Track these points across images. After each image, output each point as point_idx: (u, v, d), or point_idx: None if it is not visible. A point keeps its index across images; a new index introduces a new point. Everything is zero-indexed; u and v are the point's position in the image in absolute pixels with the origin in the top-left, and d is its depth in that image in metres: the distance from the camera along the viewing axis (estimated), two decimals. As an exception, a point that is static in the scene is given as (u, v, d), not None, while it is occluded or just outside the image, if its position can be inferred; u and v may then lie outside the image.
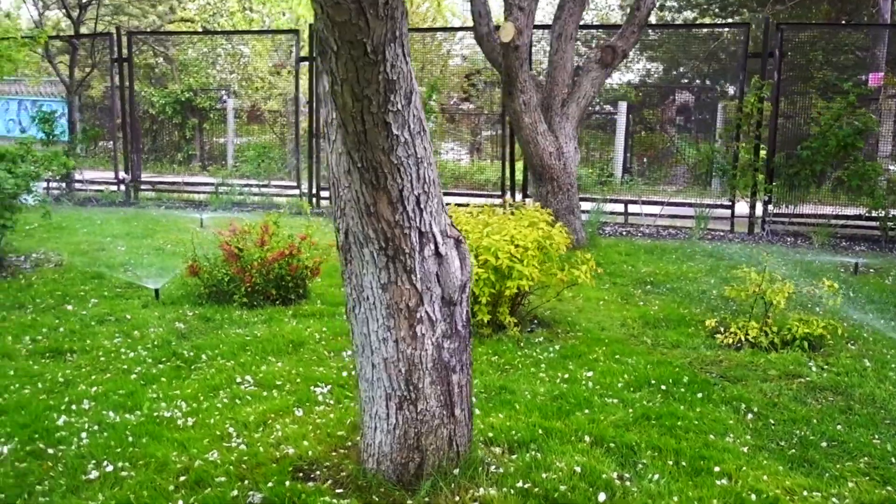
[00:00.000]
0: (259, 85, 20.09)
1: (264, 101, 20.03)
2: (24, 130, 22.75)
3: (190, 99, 19.30)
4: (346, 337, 5.79)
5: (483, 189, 13.98)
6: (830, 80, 10.93)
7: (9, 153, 7.65)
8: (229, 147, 20.02)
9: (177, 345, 5.59)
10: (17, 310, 6.41)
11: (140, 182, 13.13)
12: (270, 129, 20.19)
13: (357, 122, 2.78)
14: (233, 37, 19.31)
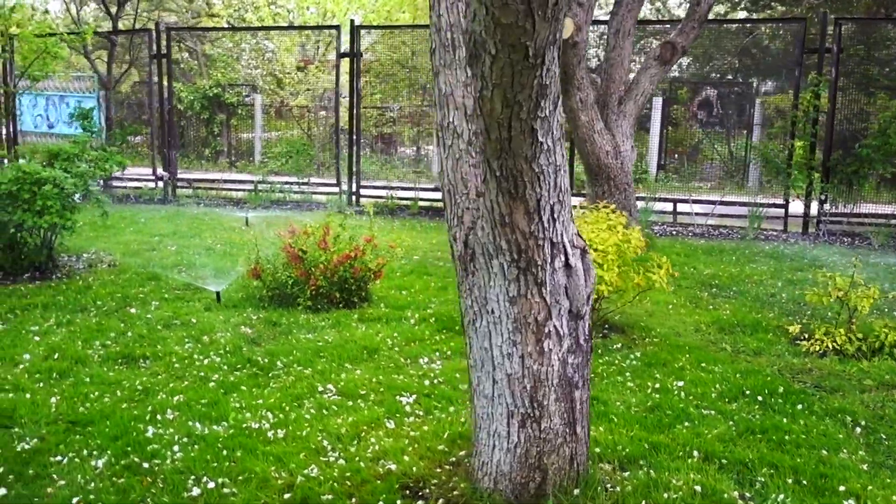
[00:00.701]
0: (288, 80, 19.96)
1: (293, 96, 19.91)
2: (52, 126, 22.76)
3: (218, 94, 19.20)
4: (420, 343, 5.67)
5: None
6: (892, 76, 10.67)
7: (64, 152, 7.54)
8: (257, 143, 19.92)
9: (248, 351, 5.46)
10: (81, 313, 6.30)
11: (177, 179, 13.03)
12: (298, 124, 20.09)
13: (503, 129, 2.62)
14: (267, 32, 19.14)
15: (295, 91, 19.74)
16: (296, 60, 20.80)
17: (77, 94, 21.36)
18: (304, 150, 12.74)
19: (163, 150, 12.85)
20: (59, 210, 6.79)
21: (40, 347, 5.43)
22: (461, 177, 3.30)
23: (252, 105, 19.91)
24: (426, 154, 19.58)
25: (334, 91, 19.40)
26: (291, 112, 20.02)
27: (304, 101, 19.52)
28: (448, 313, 6.36)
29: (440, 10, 3.31)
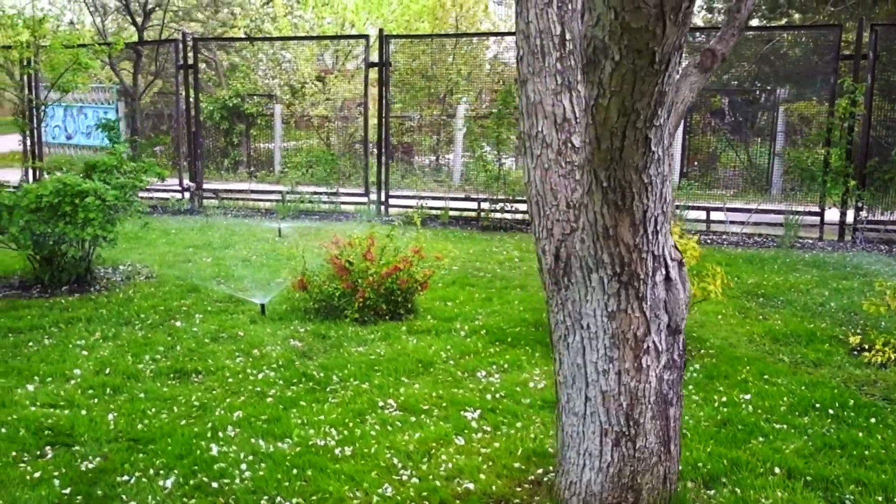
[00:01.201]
0: (308, 90, 19.90)
1: (313, 106, 19.85)
2: (70, 137, 22.79)
3: (237, 105, 19.16)
4: (475, 356, 5.56)
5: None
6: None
7: (103, 164, 7.48)
8: (276, 153, 19.87)
9: (301, 365, 5.36)
10: (125, 326, 6.22)
11: (203, 189, 12.98)
12: (317, 134, 20.04)
13: (616, 138, 2.52)
14: (285, 43, 19.11)
15: (315, 101, 19.68)
16: (314, 70, 20.74)
17: (96, 106, 21.40)
18: (331, 160, 12.63)
19: (190, 160, 12.79)
20: (101, 222, 6.71)
21: (89, 362, 5.35)
22: (550, 187, 3.21)
23: (271, 115, 19.87)
24: (446, 163, 19.51)
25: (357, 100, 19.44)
26: (311, 122, 19.97)
27: (324, 110, 19.48)
28: (497, 325, 6.25)
29: (528, 16, 3.22)
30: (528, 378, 5.12)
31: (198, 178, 12.88)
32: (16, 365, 5.27)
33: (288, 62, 20.52)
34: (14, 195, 6.74)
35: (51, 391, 4.83)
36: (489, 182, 11.24)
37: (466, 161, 18.59)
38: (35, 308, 6.64)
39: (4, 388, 4.89)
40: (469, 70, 19.42)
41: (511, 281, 7.81)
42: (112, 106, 21.57)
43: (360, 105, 18.89)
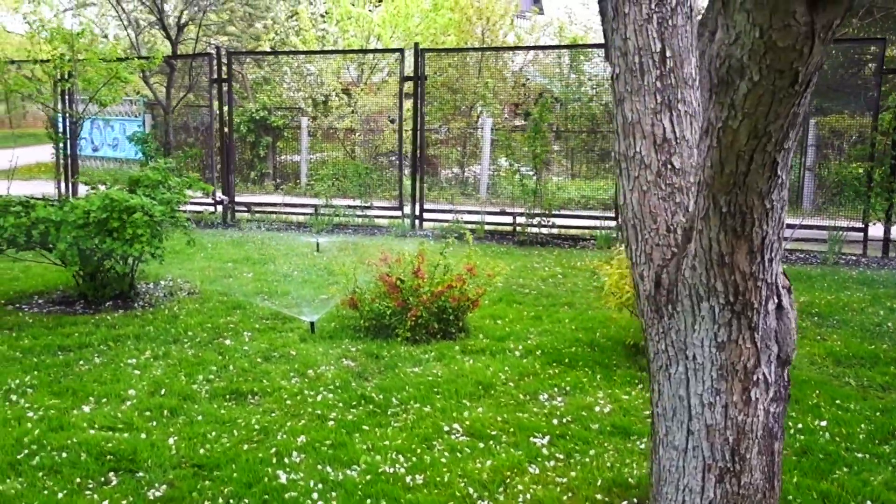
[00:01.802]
0: (335, 103, 19.88)
1: (339, 119, 19.81)
2: (96, 150, 22.88)
3: (264, 118, 19.15)
4: (534, 378, 5.43)
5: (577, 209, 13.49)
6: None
7: (147, 179, 7.41)
8: (303, 166, 19.85)
9: (358, 386, 5.24)
10: (174, 344, 6.12)
11: (236, 203, 12.92)
12: (343, 147, 20.01)
13: (742, 162, 2.39)
14: (310, 56, 19.10)
15: (342, 114, 19.65)
16: (340, 83, 20.72)
17: (122, 118, 21.47)
18: (364, 173, 12.55)
19: (222, 174, 12.75)
20: (148, 238, 6.64)
21: (143, 382, 5.26)
22: (649, 210, 3.08)
23: (297, 127, 19.85)
24: (470, 175, 19.41)
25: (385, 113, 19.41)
26: (337, 135, 19.94)
27: (350, 123, 19.44)
28: (552, 345, 6.11)
29: (626, 33, 3.10)
30: (593, 402, 4.98)
31: (230, 192, 12.82)
32: (69, 385, 5.18)
33: (311, 75, 20.52)
34: (61, 211, 6.68)
35: (107, 413, 4.73)
36: (525, 196, 11.11)
37: (493, 174, 18.53)
38: (81, 325, 6.56)
39: (60, 409, 4.80)
40: (495, 83, 19.36)
41: (558, 298, 7.67)
42: (139, 119, 21.65)
43: (387, 117, 18.91)
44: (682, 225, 3.02)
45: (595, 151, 19.27)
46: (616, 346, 6.08)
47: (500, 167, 18.91)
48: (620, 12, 3.14)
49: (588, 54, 19.22)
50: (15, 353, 5.82)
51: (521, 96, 20.50)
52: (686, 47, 3.15)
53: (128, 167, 23.00)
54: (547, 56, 19.48)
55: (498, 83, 19.43)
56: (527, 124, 10.99)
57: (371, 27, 21.27)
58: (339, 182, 17.63)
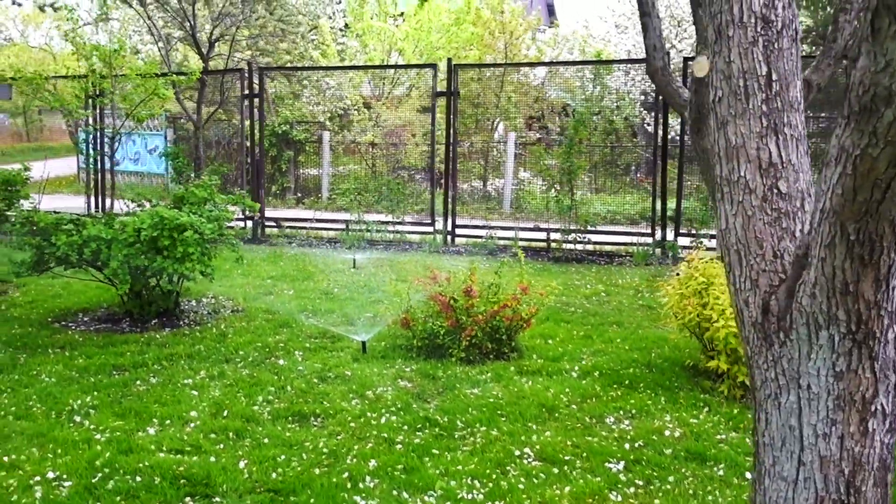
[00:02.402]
0: (356, 117, 19.93)
1: (361, 133, 19.85)
2: (118, 164, 22.94)
3: (286, 132, 19.18)
4: (597, 400, 5.36)
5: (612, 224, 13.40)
6: None
7: (193, 196, 7.40)
8: (324, 180, 19.86)
9: (419, 408, 5.19)
10: (226, 364, 6.09)
11: (265, 218, 12.90)
12: (364, 161, 20.05)
13: (877, 190, 2.33)
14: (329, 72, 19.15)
15: (363, 128, 19.69)
16: (362, 97, 20.76)
17: (144, 132, 21.54)
18: (397, 188, 12.51)
19: (252, 189, 12.74)
20: (199, 256, 6.61)
21: (203, 403, 5.21)
22: (755, 236, 3.02)
23: (318, 142, 19.88)
24: (494, 189, 19.37)
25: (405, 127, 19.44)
26: (359, 149, 19.96)
27: (372, 137, 19.46)
28: (608, 366, 6.04)
29: (730, 56, 3.05)
30: (662, 426, 4.90)
31: (261, 207, 12.81)
32: (130, 405, 5.14)
33: (331, 89, 20.55)
34: (111, 229, 6.66)
35: (173, 435, 4.69)
36: (561, 212, 11.05)
37: (516, 188, 18.50)
38: (132, 343, 6.54)
39: (125, 430, 4.76)
40: (518, 97, 19.36)
41: (605, 317, 7.60)
42: (161, 133, 21.73)
43: (409, 131, 18.93)
44: (790, 251, 2.96)
45: (618, 166, 19.23)
46: (674, 367, 6.01)
47: (524, 181, 18.95)
48: (724, 35, 3.09)
49: (610, 69, 19.25)
50: (71, 372, 5.80)
51: (543, 110, 20.52)
52: (791, 70, 3.10)
53: (149, 181, 23.11)
54: (566, 70, 19.49)
55: (521, 97, 19.43)
56: (562, 139, 10.92)
57: (393, 41, 21.32)
58: (361, 196, 17.66)
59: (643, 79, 21.64)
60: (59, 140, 37.65)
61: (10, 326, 7.07)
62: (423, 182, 18.26)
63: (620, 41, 25.04)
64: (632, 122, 20.60)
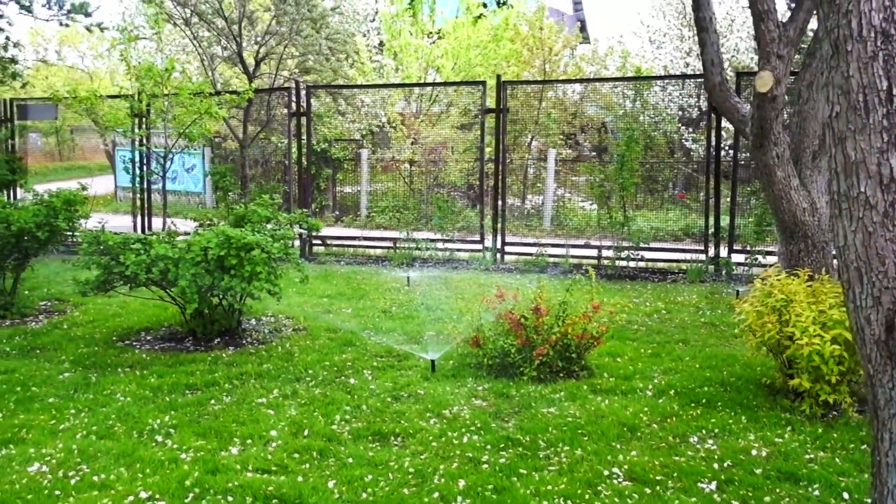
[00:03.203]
0: (396, 135, 20.01)
1: (400, 151, 19.92)
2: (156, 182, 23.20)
3: (325, 150, 19.29)
4: (677, 419, 5.28)
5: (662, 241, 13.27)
6: None
7: (256, 215, 7.45)
8: (363, 198, 19.94)
9: (498, 427, 5.14)
10: (298, 383, 6.08)
11: (312, 236, 12.96)
12: (402, 177, 20.12)
13: None
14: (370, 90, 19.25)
15: (401, 146, 19.75)
16: (400, 115, 20.85)
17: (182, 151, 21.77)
18: (445, 206, 12.50)
19: (300, 207, 12.81)
20: (266, 275, 6.64)
21: (281, 423, 5.21)
22: (876, 253, 2.96)
23: (357, 160, 19.98)
24: (533, 205, 19.32)
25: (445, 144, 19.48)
26: (398, 166, 20.03)
27: (411, 154, 19.52)
28: (682, 385, 5.96)
29: (849, 70, 3.00)
30: (747, 445, 4.81)
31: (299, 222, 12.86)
32: (209, 425, 5.15)
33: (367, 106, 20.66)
34: (177, 248, 6.72)
35: (256, 455, 4.69)
36: (613, 229, 10.99)
37: (556, 204, 18.44)
38: (200, 363, 6.56)
39: (208, 450, 4.76)
40: (559, 114, 19.34)
41: (670, 335, 7.51)
42: (198, 151, 21.95)
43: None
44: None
45: (658, 182, 19.12)
46: (748, 385, 5.91)
47: (562, 197, 18.89)
48: (842, 50, 3.05)
49: (650, 84, 19.20)
50: (145, 391, 5.83)
51: (583, 126, 20.47)
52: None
53: (186, 200, 23.36)
54: (603, 85, 19.45)
55: (561, 114, 19.41)
56: (603, 155, 10.86)
57: (430, 59, 21.41)
58: (400, 214, 17.68)
59: (680, 94, 21.56)
60: (91, 159, 38.23)
61: (77, 346, 7.14)
62: (461, 199, 18.30)
63: (656, 56, 24.92)
64: (670, 138, 20.48)
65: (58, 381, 6.14)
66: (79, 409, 5.45)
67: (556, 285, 8.70)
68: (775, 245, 11.08)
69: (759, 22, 7.87)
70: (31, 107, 14.56)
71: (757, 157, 8.26)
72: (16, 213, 7.82)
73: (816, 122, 8.21)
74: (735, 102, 8.85)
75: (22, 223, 7.70)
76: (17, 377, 6.20)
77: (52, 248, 8.31)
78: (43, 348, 7.11)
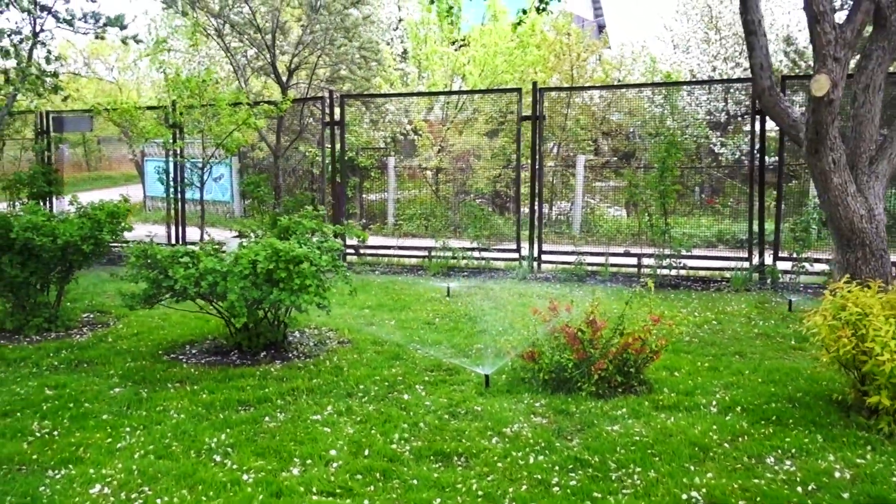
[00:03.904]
0: (422, 142, 19.90)
1: (427, 159, 19.81)
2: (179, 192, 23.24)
3: (352, 158, 19.21)
4: (749, 438, 5.11)
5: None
6: None
7: (301, 227, 7.34)
8: (390, 206, 19.84)
9: (563, 447, 4.98)
10: (349, 398, 5.96)
11: (346, 245, 12.86)
12: (428, 185, 20.02)
13: None
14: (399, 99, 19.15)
15: (429, 154, 19.64)
16: (427, 122, 20.76)
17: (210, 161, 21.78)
18: (482, 216, 12.34)
19: (334, 216, 12.72)
20: (316, 288, 6.53)
21: (339, 441, 5.08)
22: None
23: (384, 168, 19.90)
24: (560, 212, 19.13)
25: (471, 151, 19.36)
26: (425, 174, 19.92)
27: (438, 162, 19.41)
28: (747, 400, 5.76)
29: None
30: (829, 467, 4.61)
31: (342, 235, 12.76)
32: (266, 444, 5.03)
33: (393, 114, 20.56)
34: (226, 262, 6.62)
35: (319, 476, 4.56)
36: (655, 237, 10.80)
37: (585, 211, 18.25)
38: (249, 378, 6.45)
39: (269, 471, 4.64)
40: (587, 120, 19.16)
41: (724, 347, 7.31)
42: (226, 161, 21.95)
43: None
44: None
45: (688, 187, 18.86)
46: (817, 401, 5.71)
47: (590, 204, 18.69)
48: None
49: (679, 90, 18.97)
50: (198, 408, 5.72)
51: (610, 132, 20.28)
52: None
53: (214, 209, 23.38)
54: (628, 91, 19.25)
55: (589, 119, 19.22)
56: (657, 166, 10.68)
57: (456, 66, 21.30)
58: (428, 222, 17.55)
59: (707, 98, 21.33)
60: (117, 169, 38.50)
61: (124, 360, 7.06)
62: (488, 206, 18.16)
63: (682, 61, 24.65)
64: (699, 143, 20.25)
65: (109, 396, 6.04)
66: (133, 427, 5.35)
67: (602, 296, 8.51)
68: (823, 252, 10.85)
69: (814, 24, 7.67)
70: (67, 119, 14.60)
71: (812, 163, 8.05)
72: (61, 225, 7.76)
73: (873, 125, 8.00)
74: (785, 107, 8.65)
75: (68, 236, 7.63)
76: (69, 392, 6.12)
77: (95, 260, 8.25)
78: (90, 362, 7.03)
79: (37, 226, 7.73)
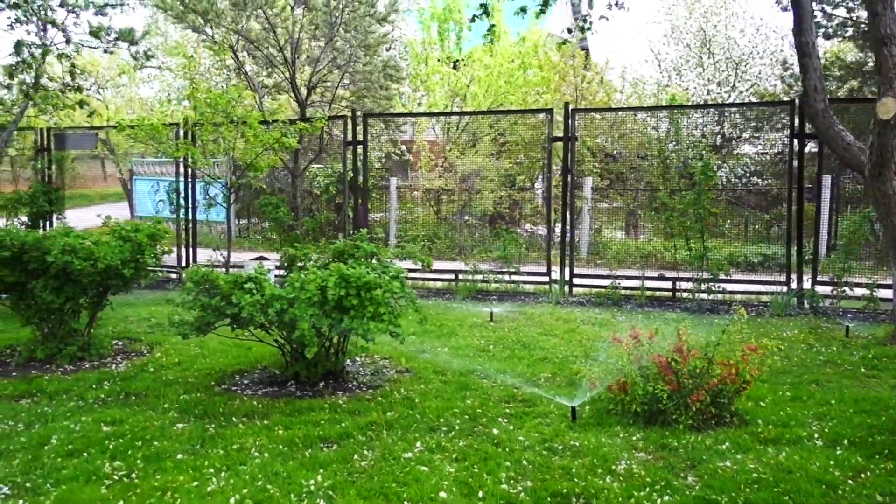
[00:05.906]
0: (426, 161, 19.68)
1: (428, 180, 19.58)
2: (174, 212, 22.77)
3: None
4: (873, 474, 4.88)
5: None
6: None
7: (359, 251, 7.05)
8: (392, 226, 19.54)
9: (682, 485, 4.72)
10: (432, 433, 5.65)
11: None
12: (430, 206, 19.78)
13: None
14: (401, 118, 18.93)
15: (431, 175, 19.40)
16: (429, 143, 20.56)
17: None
18: (511, 240, 12.10)
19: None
20: (389, 316, 6.23)
21: (444, 481, 4.77)
22: None
23: (386, 188, 19.63)
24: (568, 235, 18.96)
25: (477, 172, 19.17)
26: (429, 195, 19.68)
27: (444, 183, 19.18)
28: (847, 432, 5.56)
29: None
30: (970, 506, 4.42)
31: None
32: (368, 486, 4.71)
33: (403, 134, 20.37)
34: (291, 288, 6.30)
35: (438, 521, 4.25)
36: (692, 260, 10.64)
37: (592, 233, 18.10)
38: (319, 411, 6.12)
39: (381, 517, 4.32)
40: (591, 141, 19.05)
41: (797, 375, 7.13)
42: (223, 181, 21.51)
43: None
44: None
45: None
46: (921, 433, 5.52)
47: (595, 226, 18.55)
48: None
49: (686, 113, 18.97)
50: (279, 446, 5.37)
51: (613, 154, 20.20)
52: None
53: (206, 229, 22.90)
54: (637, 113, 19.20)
55: (594, 141, 19.13)
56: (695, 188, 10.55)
57: (457, 87, 21.16)
58: (431, 243, 17.28)
59: (703, 121, 21.38)
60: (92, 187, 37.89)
61: (176, 392, 6.68)
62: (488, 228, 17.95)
63: (676, 84, 24.76)
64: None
65: (174, 433, 5.67)
66: (217, 469, 4.99)
67: (644, 321, 8.31)
68: (863, 276, 10.75)
69: (880, 47, 7.57)
70: (70, 136, 14.16)
71: (874, 187, 7.94)
72: (99, 248, 7.37)
73: (935, 150, 7.91)
74: (839, 130, 8.54)
75: (109, 260, 7.25)
76: (128, 429, 5.73)
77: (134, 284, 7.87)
78: (139, 395, 6.64)
79: (75, 249, 7.34)
